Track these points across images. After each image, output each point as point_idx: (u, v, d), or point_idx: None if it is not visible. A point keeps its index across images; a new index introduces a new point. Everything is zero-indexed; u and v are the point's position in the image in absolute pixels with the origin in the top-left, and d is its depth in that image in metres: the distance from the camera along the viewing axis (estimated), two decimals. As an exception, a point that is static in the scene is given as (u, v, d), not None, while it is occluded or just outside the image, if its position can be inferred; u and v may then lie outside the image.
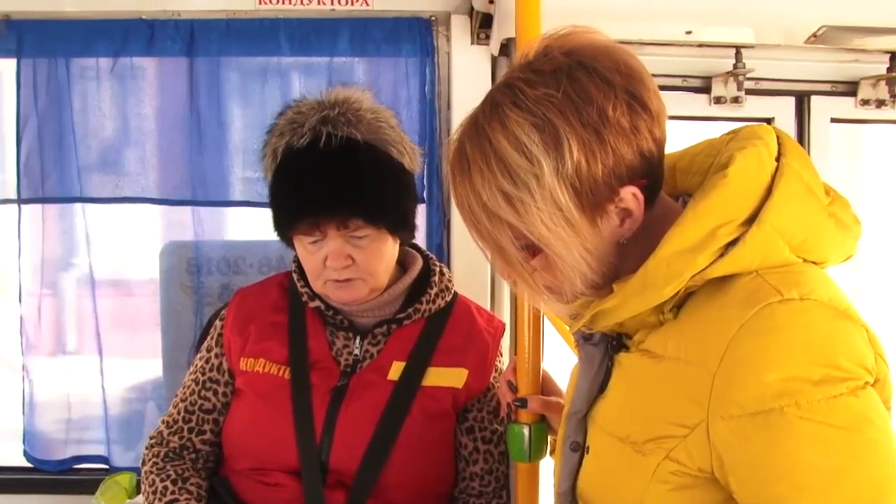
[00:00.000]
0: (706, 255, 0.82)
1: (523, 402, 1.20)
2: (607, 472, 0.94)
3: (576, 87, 0.82)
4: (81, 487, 1.73)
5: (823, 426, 0.74)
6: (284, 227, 1.31)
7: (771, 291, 0.79)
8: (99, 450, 1.77)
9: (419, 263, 1.42)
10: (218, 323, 1.42)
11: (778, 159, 0.86)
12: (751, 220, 0.83)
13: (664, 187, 0.94)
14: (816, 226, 0.86)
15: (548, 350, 1.74)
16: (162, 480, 1.31)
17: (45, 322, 1.76)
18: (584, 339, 1.00)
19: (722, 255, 0.82)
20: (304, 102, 1.34)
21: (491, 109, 0.85)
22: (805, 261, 0.86)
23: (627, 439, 0.88)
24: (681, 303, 0.86)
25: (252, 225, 1.78)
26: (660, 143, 0.87)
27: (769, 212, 0.82)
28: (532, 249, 0.87)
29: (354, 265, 1.29)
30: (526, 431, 1.24)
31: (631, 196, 0.84)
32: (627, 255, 0.89)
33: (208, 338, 1.42)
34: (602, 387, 0.97)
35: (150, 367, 1.76)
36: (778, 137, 0.88)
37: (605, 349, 0.97)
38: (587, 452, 0.98)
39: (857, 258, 0.95)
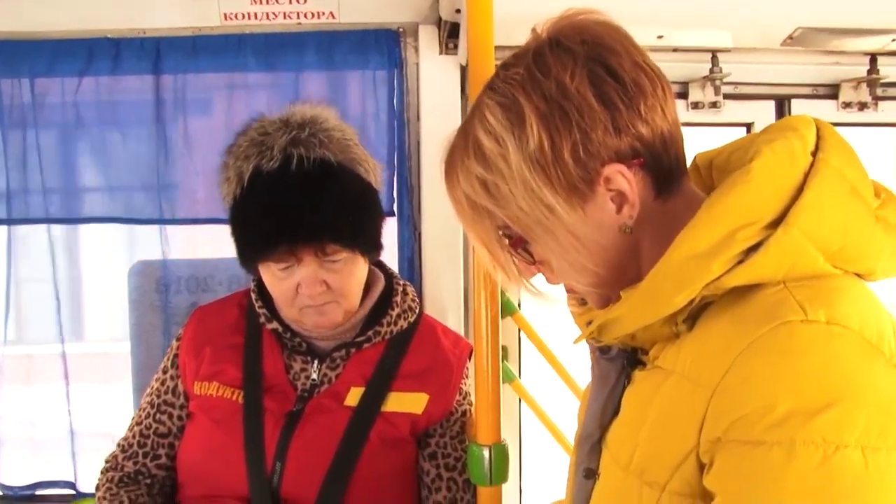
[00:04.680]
0: (722, 261, 0.72)
1: None
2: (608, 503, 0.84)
3: (538, 61, 0.78)
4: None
5: (815, 477, 0.63)
6: (256, 254, 1.25)
7: (794, 308, 0.69)
8: (65, 474, 1.74)
9: (381, 283, 1.39)
10: (175, 343, 1.39)
11: (815, 154, 0.75)
12: (777, 223, 0.72)
13: (701, 187, 0.85)
14: (859, 231, 0.75)
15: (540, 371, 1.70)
16: (115, 507, 1.27)
17: (10, 346, 1.73)
18: (600, 353, 0.89)
19: (741, 262, 0.72)
20: (267, 121, 1.28)
21: (475, 104, 0.83)
22: (846, 272, 0.75)
23: (629, 468, 0.78)
24: (697, 313, 0.76)
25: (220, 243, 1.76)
26: (651, 119, 0.77)
27: (799, 213, 0.71)
28: (520, 241, 0.81)
29: (329, 290, 1.25)
30: (486, 453, 1.22)
31: (619, 176, 0.77)
32: (642, 249, 0.81)
33: (165, 358, 1.39)
34: (618, 407, 0.86)
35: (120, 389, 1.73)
36: (819, 129, 0.78)
37: (622, 365, 0.87)
38: (599, 479, 0.88)
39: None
